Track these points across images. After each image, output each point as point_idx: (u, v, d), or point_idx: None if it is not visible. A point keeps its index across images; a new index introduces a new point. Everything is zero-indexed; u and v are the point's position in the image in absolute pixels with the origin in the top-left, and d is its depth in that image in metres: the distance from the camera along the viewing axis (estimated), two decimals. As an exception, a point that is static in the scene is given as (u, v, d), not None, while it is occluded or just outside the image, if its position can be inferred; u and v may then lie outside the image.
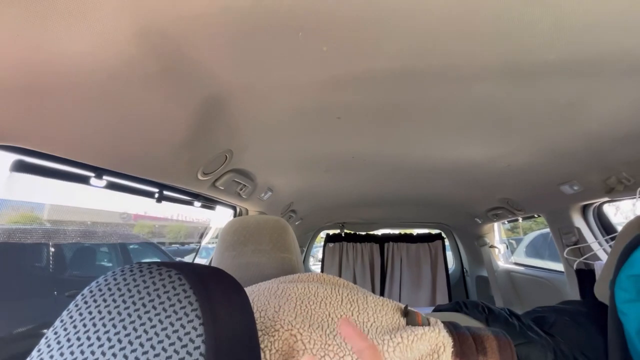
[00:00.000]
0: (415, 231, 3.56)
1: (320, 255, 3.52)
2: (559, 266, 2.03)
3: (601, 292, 1.02)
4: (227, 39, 0.52)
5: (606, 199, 1.54)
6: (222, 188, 1.34)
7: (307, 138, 1.13)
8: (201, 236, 2.50)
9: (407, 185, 2.05)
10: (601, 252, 1.58)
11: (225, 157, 1.14)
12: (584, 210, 1.74)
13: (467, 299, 1.04)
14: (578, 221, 1.74)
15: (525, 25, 0.50)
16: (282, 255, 0.93)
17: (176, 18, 0.45)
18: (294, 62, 0.60)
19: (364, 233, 3.49)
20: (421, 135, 1.13)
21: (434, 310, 1.15)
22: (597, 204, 1.69)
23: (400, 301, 3.29)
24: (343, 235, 3.44)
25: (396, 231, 3.52)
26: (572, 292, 1.83)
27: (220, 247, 0.94)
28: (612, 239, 1.56)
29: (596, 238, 1.64)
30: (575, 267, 1.61)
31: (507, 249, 2.96)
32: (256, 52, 0.56)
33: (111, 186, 0.96)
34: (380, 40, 0.53)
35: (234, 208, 1.90)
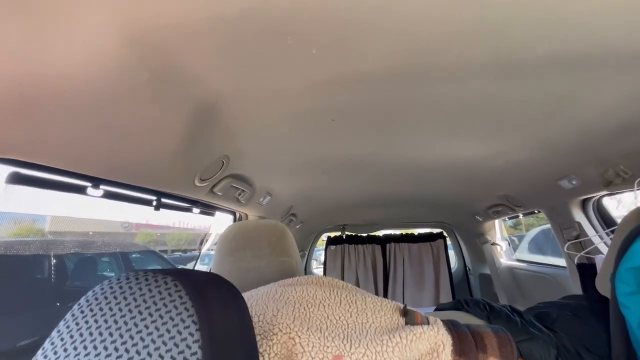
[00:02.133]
0: (417, 231, 3.56)
1: (322, 259, 3.52)
2: (562, 261, 2.02)
3: (602, 285, 1.02)
4: (215, 46, 0.52)
5: (605, 192, 1.53)
6: (220, 194, 1.34)
7: (303, 141, 1.14)
8: (202, 243, 2.51)
9: (406, 185, 2.05)
10: (602, 245, 1.57)
11: (222, 163, 1.14)
12: (584, 205, 1.74)
13: (469, 297, 1.04)
14: (578, 215, 1.74)
15: (510, 20, 0.50)
16: (281, 259, 0.93)
17: (164, 26, 0.46)
18: (285, 66, 0.60)
19: (365, 234, 3.48)
20: (417, 135, 1.14)
21: (436, 309, 1.14)
22: (597, 197, 1.69)
23: (403, 302, 3.25)
24: (344, 237, 3.43)
25: (397, 231, 3.52)
26: (575, 287, 1.82)
27: (219, 253, 0.94)
28: (613, 232, 1.56)
29: (597, 232, 1.64)
30: (576, 261, 1.60)
31: (509, 246, 2.95)
32: (246, 58, 0.56)
33: (108, 195, 0.96)
34: (368, 42, 0.54)
35: (233, 213, 1.90)
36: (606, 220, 1.69)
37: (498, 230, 2.98)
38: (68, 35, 0.43)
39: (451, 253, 3.51)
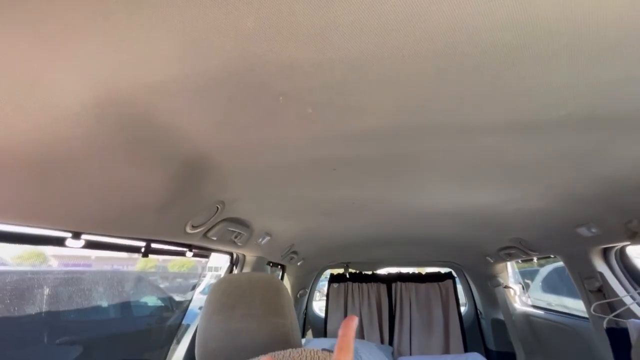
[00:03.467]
0: (424, 270, 3.39)
1: (325, 290, 3.35)
2: (580, 304, 1.85)
3: (640, 360, 0.90)
4: (200, 105, 0.47)
5: (628, 242, 1.42)
6: (215, 238, 1.26)
7: (303, 188, 1.07)
8: (201, 273, 2.40)
9: (413, 226, 1.95)
10: (635, 306, 1.42)
11: (216, 208, 1.08)
12: (605, 253, 1.62)
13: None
14: (600, 265, 1.61)
15: (531, 85, 0.45)
16: (274, 321, 0.83)
17: (138, 87, 0.41)
18: (279, 124, 0.55)
19: (369, 272, 3.32)
20: (426, 184, 1.07)
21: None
22: (619, 246, 1.57)
23: (411, 348, 2.99)
24: (348, 275, 3.28)
25: (404, 270, 3.35)
26: (599, 341, 1.65)
27: (207, 310, 0.85)
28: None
29: (622, 285, 1.50)
30: (605, 325, 1.45)
31: (523, 290, 2.77)
32: (235, 117, 0.51)
33: (90, 245, 0.90)
34: (369, 102, 0.48)
35: (230, 254, 1.82)
36: (631, 271, 1.56)
37: (511, 273, 2.81)
38: (27, 100, 0.38)
39: (460, 295, 3.31)
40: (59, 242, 0.81)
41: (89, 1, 0.34)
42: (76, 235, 0.83)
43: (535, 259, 2.29)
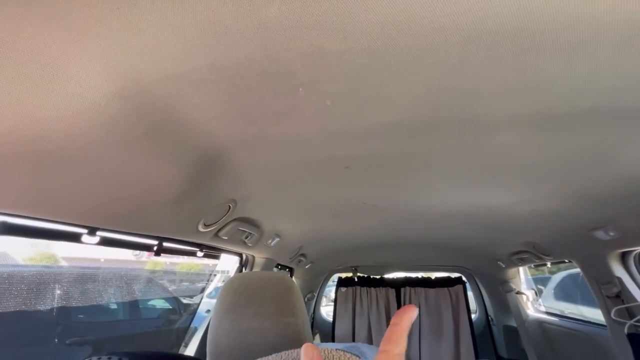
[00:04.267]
0: (434, 274, 3.35)
1: (332, 295, 3.33)
2: (597, 313, 1.80)
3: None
4: (220, 97, 0.47)
5: (648, 246, 1.38)
6: (226, 238, 1.26)
7: (315, 186, 1.07)
8: (209, 277, 2.41)
9: (423, 229, 1.93)
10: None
11: (228, 207, 1.08)
12: (624, 258, 1.57)
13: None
14: (618, 270, 1.57)
15: (555, 75, 0.44)
16: (286, 320, 0.83)
17: (160, 78, 0.41)
18: (296, 117, 0.55)
19: (378, 276, 3.29)
20: (438, 183, 1.06)
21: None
22: (639, 250, 1.52)
23: (420, 355, 2.94)
24: (356, 279, 3.25)
25: (412, 274, 3.32)
26: (619, 350, 1.60)
27: (219, 309, 0.85)
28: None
29: (642, 291, 1.46)
30: (626, 330, 1.41)
31: (536, 295, 2.71)
32: (254, 109, 0.51)
33: (105, 242, 0.91)
34: (388, 95, 0.48)
35: (239, 255, 1.81)
36: (651, 277, 1.51)
37: (523, 278, 2.75)
38: (49, 89, 0.39)
39: (471, 301, 3.25)
40: (75, 237, 0.82)
41: (114, -8, 0.35)
42: (92, 232, 0.84)
43: (548, 264, 2.24)
